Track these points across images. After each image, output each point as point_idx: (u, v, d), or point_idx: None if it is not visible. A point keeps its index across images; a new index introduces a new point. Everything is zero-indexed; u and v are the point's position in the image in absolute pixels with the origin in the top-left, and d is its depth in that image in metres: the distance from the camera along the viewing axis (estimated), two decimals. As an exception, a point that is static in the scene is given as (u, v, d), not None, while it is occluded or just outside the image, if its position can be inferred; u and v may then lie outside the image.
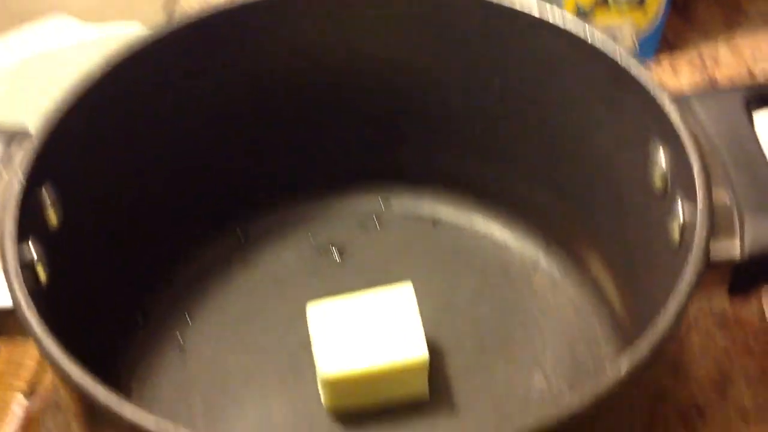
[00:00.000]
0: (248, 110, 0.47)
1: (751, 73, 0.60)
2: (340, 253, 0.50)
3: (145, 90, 0.43)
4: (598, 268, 0.47)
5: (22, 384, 0.46)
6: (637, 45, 0.59)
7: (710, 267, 0.35)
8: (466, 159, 0.50)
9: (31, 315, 0.32)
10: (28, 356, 0.46)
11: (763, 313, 0.48)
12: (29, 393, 0.45)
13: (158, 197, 0.46)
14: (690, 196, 0.37)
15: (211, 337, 0.46)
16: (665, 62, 0.61)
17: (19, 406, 0.45)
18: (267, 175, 0.50)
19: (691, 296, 0.34)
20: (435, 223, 0.51)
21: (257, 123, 0.48)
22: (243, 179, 0.49)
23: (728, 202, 0.37)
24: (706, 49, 0.61)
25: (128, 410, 0.29)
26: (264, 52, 0.46)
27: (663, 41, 0.61)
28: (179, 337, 0.47)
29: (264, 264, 0.49)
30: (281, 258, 0.49)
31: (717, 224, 0.36)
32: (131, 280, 0.46)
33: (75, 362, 0.30)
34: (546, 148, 0.46)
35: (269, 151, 0.49)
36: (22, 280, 0.32)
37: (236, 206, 0.50)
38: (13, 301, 0.32)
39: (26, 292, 0.32)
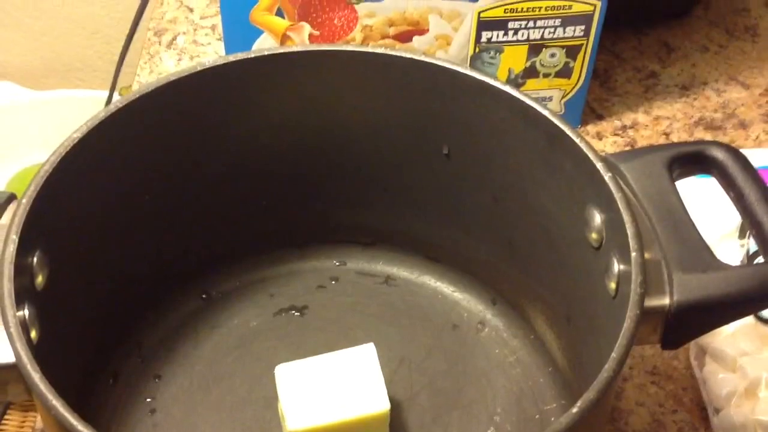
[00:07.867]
0: (212, 178, 0.49)
1: (667, 137, 0.65)
2: (301, 313, 0.52)
3: (114, 156, 0.44)
4: (541, 323, 0.51)
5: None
6: (564, 111, 0.63)
7: (644, 315, 0.38)
8: (417, 220, 0.53)
9: (35, 372, 0.34)
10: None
11: (690, 366, 0.52)
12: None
13: (127, 260, 0.48)
14: (624, 253, 0.40)
15: (180, 398, 0.48)
16: (590, 129, 0.65)
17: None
18: (229, 239, 0.52)
19: (632, 340, 0.37)
20: (388, 282, 0.54)
21: (218, 190, 0.50)
22: (207, 244, 0.51)
23: (657, 259, 0.41)
24: (627, 117, 0.67)
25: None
26: (220, 120, 0.48)
27: (588, 110, 0.66)
28: (150, 399, 0.48)
29: (228, 325, 0.51)
30: (245, 319, 0.51)
31: (648, 280, 0.39)
32: (102, 342, 0.47)
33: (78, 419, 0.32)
34: (491, 208, 0.50)
35: (230, 217, 0.51)
36: (24, 340, 0.34)
37: (200, 270, 0.52)
38: (17, 359, 0.34)
39: (28, 350, 0.34)
